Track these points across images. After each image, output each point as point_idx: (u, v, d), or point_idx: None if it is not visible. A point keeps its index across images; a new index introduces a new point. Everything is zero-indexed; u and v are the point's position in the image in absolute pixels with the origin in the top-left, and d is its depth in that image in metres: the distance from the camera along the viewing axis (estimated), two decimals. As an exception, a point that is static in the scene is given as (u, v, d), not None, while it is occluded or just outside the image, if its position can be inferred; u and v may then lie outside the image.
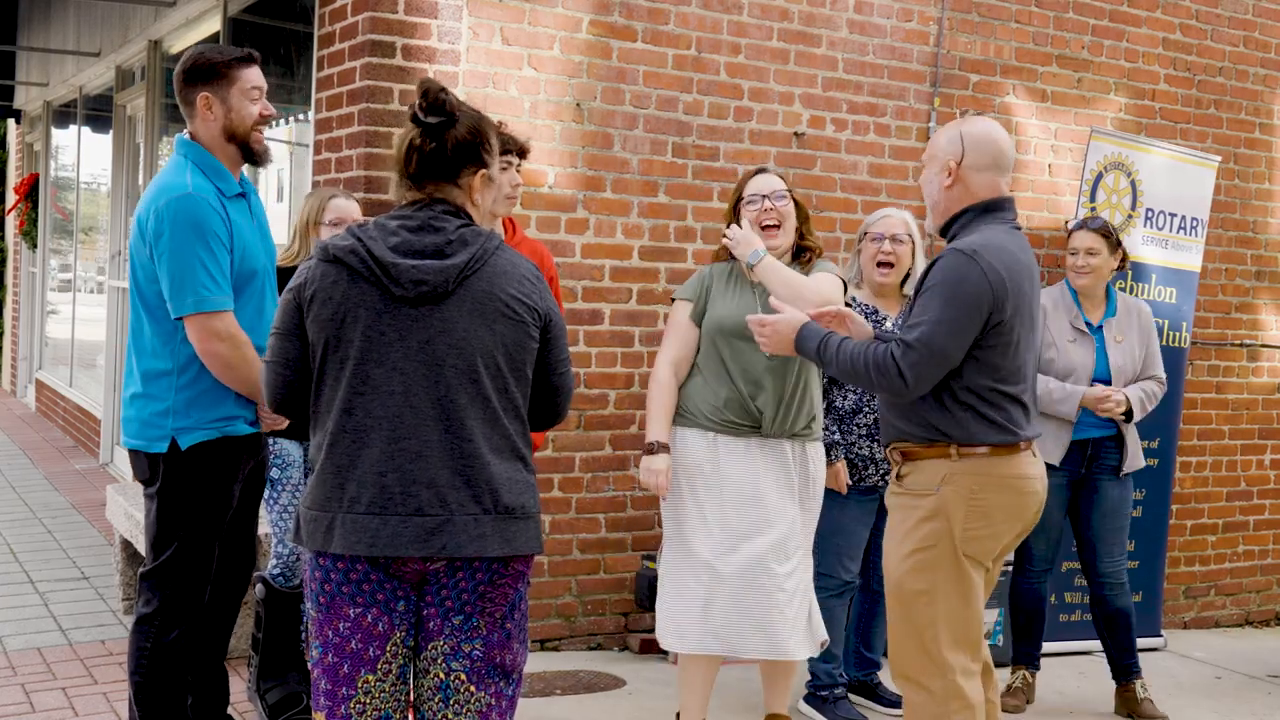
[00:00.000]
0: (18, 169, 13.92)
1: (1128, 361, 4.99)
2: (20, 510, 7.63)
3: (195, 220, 3.33)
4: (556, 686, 4.86)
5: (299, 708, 4.22)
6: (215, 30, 7.10)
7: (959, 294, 3.21)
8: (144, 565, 3.55)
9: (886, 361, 3.25)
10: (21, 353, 13.12)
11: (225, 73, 3.46)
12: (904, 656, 3.39)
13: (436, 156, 2.67)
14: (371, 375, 2.59)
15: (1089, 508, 4.99)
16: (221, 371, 3.39)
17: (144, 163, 8.74)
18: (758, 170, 4.28)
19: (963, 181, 3.38)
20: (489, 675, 2.68)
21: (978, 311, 3.22)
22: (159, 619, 3.46)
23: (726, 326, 4.09)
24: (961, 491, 3.29)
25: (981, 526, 3.31)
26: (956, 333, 3.21)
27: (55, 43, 10.83)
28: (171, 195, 3.35)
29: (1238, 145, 6.89)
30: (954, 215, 3.41)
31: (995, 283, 3.22)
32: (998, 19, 6.15)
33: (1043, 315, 5.07)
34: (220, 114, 3.46)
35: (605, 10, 5.27)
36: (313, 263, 2.67)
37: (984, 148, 3.37)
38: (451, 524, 2.57)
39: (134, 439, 3.49)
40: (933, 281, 3.27)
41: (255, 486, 3.71)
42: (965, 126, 3.43)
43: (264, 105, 3.51)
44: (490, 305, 2.62)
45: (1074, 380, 4.96)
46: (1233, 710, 5.23)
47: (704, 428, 4.09)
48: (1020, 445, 3.35)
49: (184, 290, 3.33)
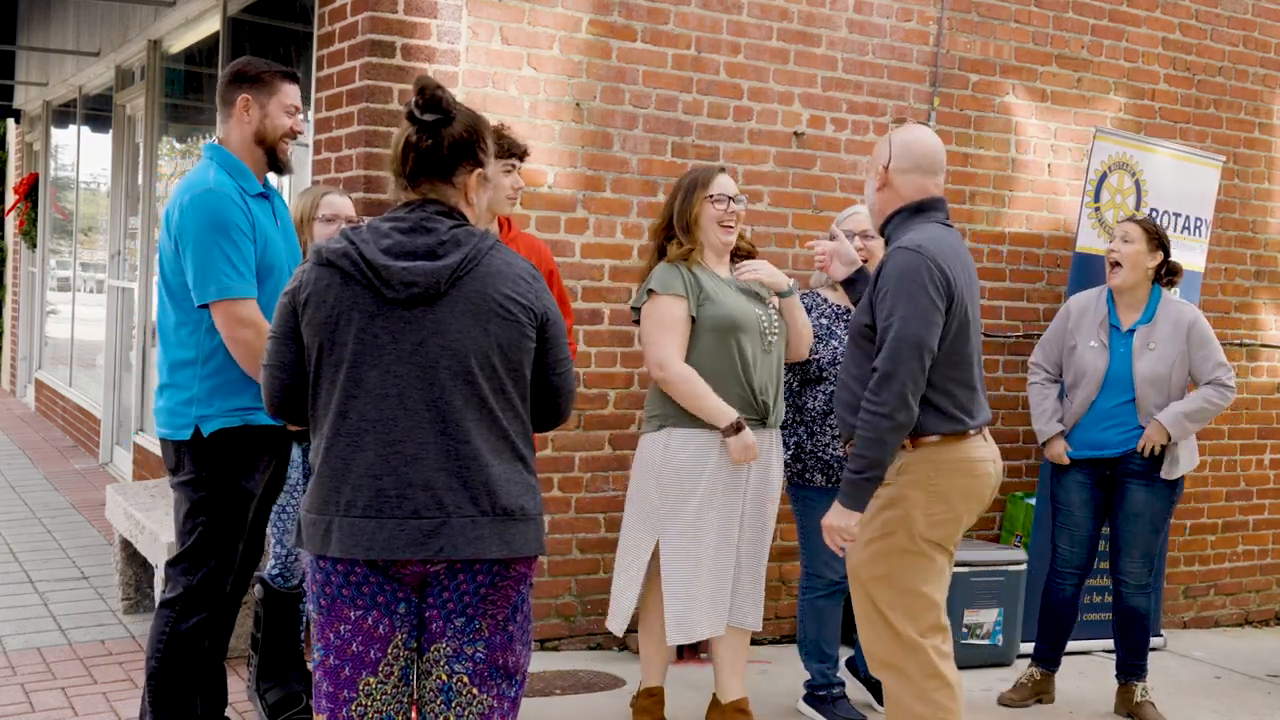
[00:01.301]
0: (17, 169, 13.92)
1: (1161, 369, 4.87)
2: (20, 510, 7.63)
3: (217, 213, 3.48)
4: (556, 686, 4.86)
5: (298, 708, 4.23)
6: (215, 30, 7.10)
7: (914, 285, 3.33)
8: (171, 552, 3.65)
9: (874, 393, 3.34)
10: (21, 352, 13.12)
11: (269, 81, 3.66)
12: (875, 644, 3.51)
13: (432, 154, 2.66)
14: (365, 378, 2.59)
15: (1116, 508, 4.98)
16: (245, 358, 3.49)
17: (143, 162, 8.73)
18: (719, 169, 4.34)
19: (891, 184, 3.55)
20: (491, 677, 2.67)
21: (938, 297, 3.34)
22: (181, 604, 3.56)
23: (741, 323, 4.15)
24: (919, 479, 3.42)
25: (943, 510, 3.44)
26: (926, 322, 3.32)
27: (55, 42, 10.83)
28: (195, 190, 3.51)
29: (1237, 145, 6.89)
30: (888, 216, 3.57)
31: (943, 271, 3.36)
32: (997, 19, 6.15)
33: (1067, 317, 5.10)
34: (256, 118, 3.64)
35: (605, 10, 5.27)
36: (307, 266, 2.67)
37: (908, 151, 3.54)
38: (448, 526, 2.57)
39: (162, 428, 3.63)
40: (886, 284, 3.38)
41: (275, 484, 3.78)
42: (895, 133, 3.60)
43: (297, 121, 3.70)
44: (484, 305, 2.62)
45: (1085, 384, 4.94)
46: (1232, 710, 5.23)
47: (709, 428, 4.12)
48: (970, 433, 3.47)
49: (207, 279, 3.46)
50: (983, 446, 3.52)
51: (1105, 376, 4.91)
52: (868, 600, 3.49)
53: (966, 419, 3.46)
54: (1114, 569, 5.02)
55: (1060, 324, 5.12)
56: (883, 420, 3.31)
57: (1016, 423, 6.23)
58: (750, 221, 5.59)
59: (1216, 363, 4.93)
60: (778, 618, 5.70)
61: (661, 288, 4.15)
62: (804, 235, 5.68)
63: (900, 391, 3.30)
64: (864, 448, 3.35)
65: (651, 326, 4.17)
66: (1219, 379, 4.91)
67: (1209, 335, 4.96)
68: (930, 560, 3.45)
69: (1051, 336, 5.16)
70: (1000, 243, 6.21)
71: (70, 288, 11.63)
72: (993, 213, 6.19)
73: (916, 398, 3.34)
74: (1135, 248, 4.93)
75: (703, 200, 4.22)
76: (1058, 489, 5.07)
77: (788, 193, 5.68)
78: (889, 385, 3.31)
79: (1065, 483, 5.04)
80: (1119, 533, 4.97)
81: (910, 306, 3.32)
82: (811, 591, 4.63)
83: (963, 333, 3.44)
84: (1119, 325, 4.97)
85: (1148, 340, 4.91)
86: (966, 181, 6.09)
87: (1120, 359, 4.93)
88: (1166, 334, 4.91)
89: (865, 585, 3.49)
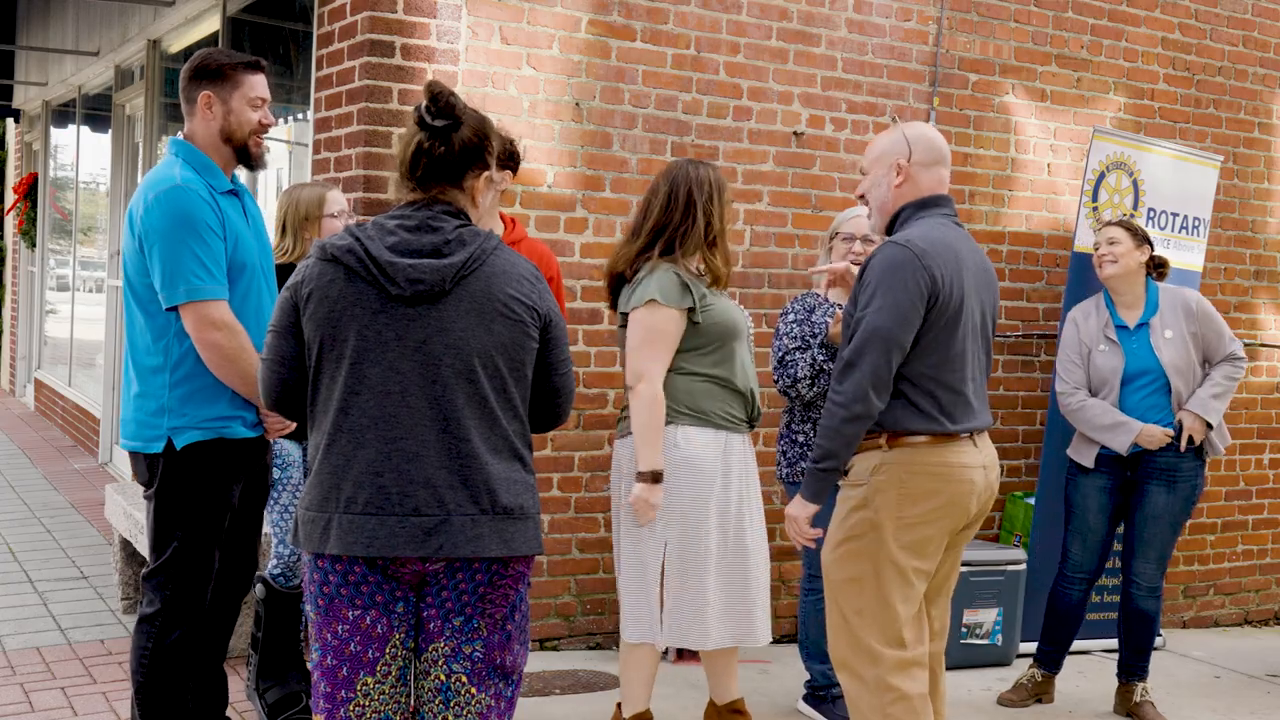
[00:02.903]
0: (16, 168, 13.92)
1: (1180, 355, 4.88)
2: (19, 510, 7.63)
3: (185, 211, 3.32)
4: (555, 686, 4.86)
5: (298, 707, 4.22)
6: (214, 30, 7.11)
7: (896, 280, 3.26)
8: (146, 566, 3.55)
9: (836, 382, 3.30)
10: (20, 352, 13.12)
11: (230, 75, 3.47)
12: (837, 644, 3.44)
13: (444, 160, 2.66)
14: (368, 375, 2.59)
15: (1134, 509, 4.94)
16: (219, 364, 3.36)
17: (143, 162, 8.74)
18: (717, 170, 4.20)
19: (912, 179, 3.46)
20: (489, 676, 2.67)
21: (918, 295, 3.26)
22: (160, 619, 3.45)
23: (739, 328, 4.11)
24: (892, 480, 3.34)
25: (914, 514, 3.33)
26: (900, 318, 3.24)
27: (54, 42, 10.82)
28: (161, 189, 3.35)
29: (1236, 145, 6.89)
30: (897, 211, 3.48)
31: (929, 267, 3.27)
32: (997, 18, 6.15)
33: (1076, 328, 5.04)
34: (219, 114, 3.47)
35: (604, 9, 5.27)
36: (311, 261, 2.66)
37: (930, 145, 3.48)
38: (448, 524, 2.57)
39: (131, 440, 3.48)
40: (870, 276, 3.32)
41: (259, 490, 3.68)
42: (906, 128, 3.52)
43: (265, 114, 3.52)
44: (488, 305, 2.62)
45: (1107, 390, 4.90)
46: (1231, 709, 5.24)
47: (718, 427, 4.05)
48: (956, 436, 3.36)
49: (176, 280, 3.31)
50: (969, 452, 3.39)
51: (1124, 374, 4.90)
52: (833, 602, 3.44)
53: (946, 421, 3.34)
54: (1126, 570, 4.99)
55: (1072, 335, 5.04)
56: (839, 410, 3.27)
57: (1016, 422, 6.23)
58: (750, 221, 5.60)
59: (1229, 337, 4.97)
60: (778, 617, 5.70)
61: (665, 299, 3.92)
62: (803, 235, 5.68)
63: (860, 383, 3.24)
64: (822, 437, 3.32)
65: (643, 336, 3.96)
66: (1233, 353, 4.95)
67: (1212, 310, 5.00)
68: (899, 570, 3.33)
69: (1068, 352, 5.04)
70: (1000, 242, 6.22)
71: (69, 287, 11.64)
72: (992, 212, 6.19)
73: (880, 392, 3.26)
74: (1123, 247, 4.94)
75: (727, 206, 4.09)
76: (1074, 493, 5.02)
77: (787, 192, 5.68)
78: (850, 375, 3.26)
79: (1083, 488, 4.98)
80: (1136, 535, 4.94)
81: (887, 300, 3.25)
82: (813, 593, 4.62)
83: (950, 331, 3.32)
84: (1125, 324, 4.97)
85: (1163, 331, 4.91)
86: (966, 181, 6.09)
87: (1134, 355, 4.91)
88: (1175, 320, 4.93)
89: (835, 587, 3.43)
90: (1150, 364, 4.88)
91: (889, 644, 3.34)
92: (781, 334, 4.56)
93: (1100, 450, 4.93)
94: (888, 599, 3.33)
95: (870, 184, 3.54)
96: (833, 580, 3.43)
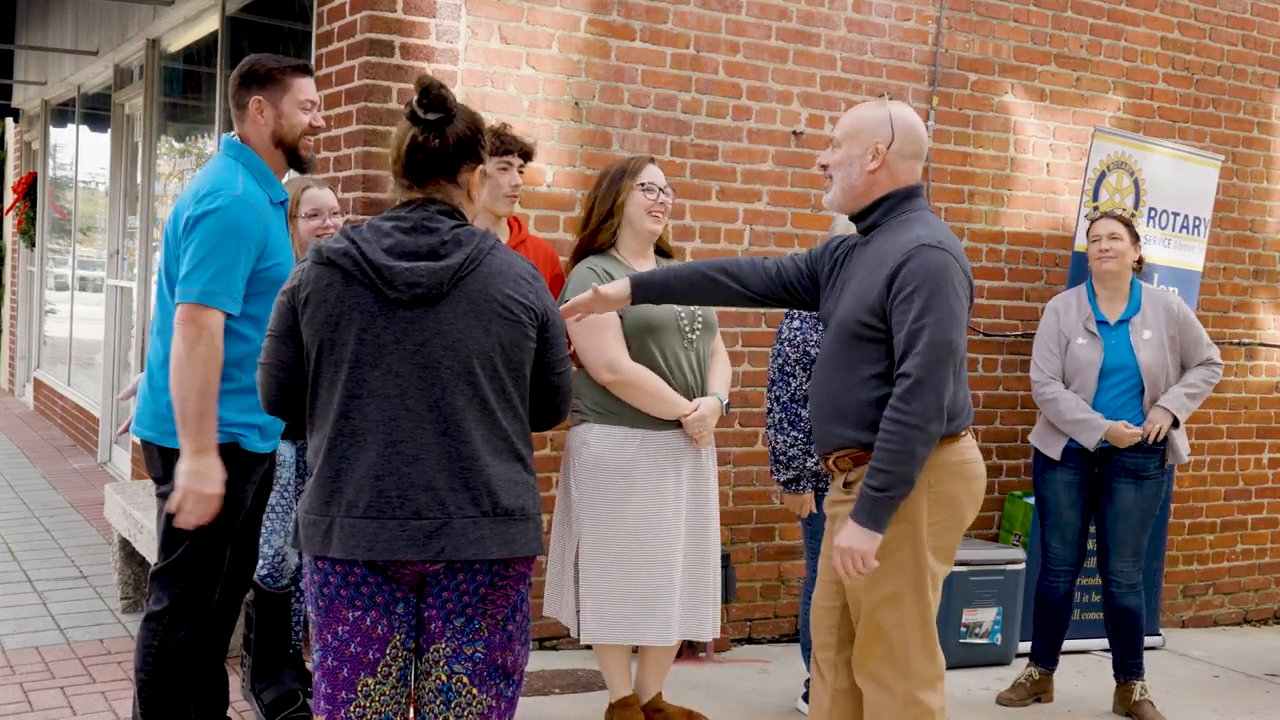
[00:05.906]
0: (16, 168, 13.92)
1: (1156, 356, 4.90)
2: (19, 509, 7.63)
3: (238, 225, 3.32)
4: (555, 685, 4.86)
5: (295, 706, 4.22)
6: (214, 29, 7.10)
7: (946, 286, 3.09)
8: (154, 564, 3.54)
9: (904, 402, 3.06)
10: (20, 351, 13.12)
11: (279, 79, 3.48)
12: (867, 659, 3.27)
13: (439, 153, 2.66)
14: (367, 379, 2.58)
15: (1104, 507, 4.97)
16: (177, 361, 3.27)
17: (142, 162, 8.74)
18: (649, 159, 4.24)
19: (889, 167, 3.26)
20: (490, 677, 2.67)
21: (967, 298, 3.17)
22: (167, 617, 3.44)
23: (657, 323, 4.07)
24: (921, 486, 3.16)
25: (947, 516, 3.22)
26: (959, 327, 3.13)
27: (53, 41, 10.82)
28: (225, 195, 3.33)
29: (1236, 144, 6.89)
30: (875, 200, 3.28)
31: (964, 268, 3.18)
32: (996, 18, 6.15)
33: (1055, 317, 5.06)
34: (270, 119, 3.48)
35: (604, 9, 5.27)
36: (306, 264, 2.65)
37: (912, 136, 3.27)
38: (450, 527, 2.57)
39: (148, 430, 3.45)
40: (912, 282, 3.10)
41: (264, 489, 3.69)
42: (894, 110, 3.29)
43: (314, 116, 3.54)
44: (486, 306, 2.61)
45: (1080, 381, 4.93)
46: (1231, 709, 5.24)
47: (631, 425, 4.04)
48: (962, 433, 3.27)
49: (195, 279, 3.29)
50: (974, 446, 3.35)
51: (1101, 369, 4.92)
52: (869, 621, 3.23)
53: (963, 418, 3.27)
54: (1104, 571, 5.02)
55: (1051, 325, 5.06)
56: (916, 432, 3.04)
57: (1015, 422, 6.23)
58: (750, 221, 5.60)
59: (1206, 343, 5.01)
60: (777, 617, 5.70)
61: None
62: (803, 235, 5.68)
63: (936, 400, 3.05)
64: (891, 462, 3.05)
65: (584, 332, 4.00)
66: (1210, 358, 4.99)
67: (1193, 317, 5.04)
68: (934, 580, 3.23)
69: (1045, 341, 5.05)
70: (999, 242, 6.22)
71: (69, 287, 11.63)
72: (991, 212, 6.19)
73: (946, 407, 3.12)
74: (1124, 244, 4.97)
75: (631, 188, 4.13)
76: (1044, 489, 5.05)
77: (787, 192, 5.68)
78: (922, 393, 3.04)
79: (1052, 483, 5.01)
80: (1108, 533, 4.96)
81: (943, 309, 3.07)
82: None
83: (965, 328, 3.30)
84: (1106, 319, 4.98)
85: (1142, 330, 4.94)
86: (965, 181, 6.09)
87: (1112, 350, 4.93)
88: (1156, 321, 4.96)
89: (872, 605, 3.22)
90: (1127, 361, 4.92)
91: (928, 658, 3.23)
92: (783, 338, 4.52)
93: (1068, 444, 4.95)
94: (926, 612, 3.22)
95: (841, 160, 3.31)
96: (870, 599, 3.22)
